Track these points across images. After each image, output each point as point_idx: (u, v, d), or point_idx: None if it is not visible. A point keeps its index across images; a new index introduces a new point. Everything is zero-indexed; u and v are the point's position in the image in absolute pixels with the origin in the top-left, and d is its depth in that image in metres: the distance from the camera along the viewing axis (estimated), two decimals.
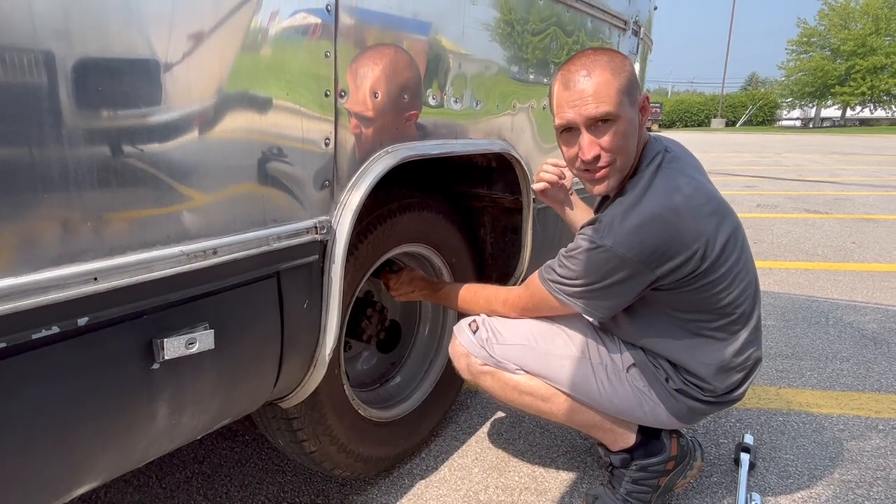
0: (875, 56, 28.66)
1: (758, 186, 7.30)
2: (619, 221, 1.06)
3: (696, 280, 1.09)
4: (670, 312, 1.16)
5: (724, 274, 1.10)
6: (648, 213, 1.05)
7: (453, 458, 1.55)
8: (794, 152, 13.56)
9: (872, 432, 1.67)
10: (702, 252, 1.06)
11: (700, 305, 1.13)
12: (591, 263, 1.09)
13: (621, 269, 1.07)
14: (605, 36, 1.89)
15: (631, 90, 1.10)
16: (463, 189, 1.66)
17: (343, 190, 1.02)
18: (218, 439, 1.62)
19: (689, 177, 1.11)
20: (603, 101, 1.07)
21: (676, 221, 1.05)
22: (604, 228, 1.07)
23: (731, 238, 1.11)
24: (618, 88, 1.08)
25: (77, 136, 0.64)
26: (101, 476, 0.81)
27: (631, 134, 1.12)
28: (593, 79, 1.08)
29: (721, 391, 1.21)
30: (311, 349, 1.06)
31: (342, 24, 0.94)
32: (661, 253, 1.05)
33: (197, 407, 0.88)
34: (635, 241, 1.04)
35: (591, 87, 1.07)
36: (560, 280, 1.15)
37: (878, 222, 4.90)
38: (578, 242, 1.11)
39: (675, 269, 1.07)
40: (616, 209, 1.08)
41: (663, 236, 1.04)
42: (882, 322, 2.54)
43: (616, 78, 1.08)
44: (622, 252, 1.05)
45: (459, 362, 1.32)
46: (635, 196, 1.08)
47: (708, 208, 1.08)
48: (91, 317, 0.68)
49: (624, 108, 1.09)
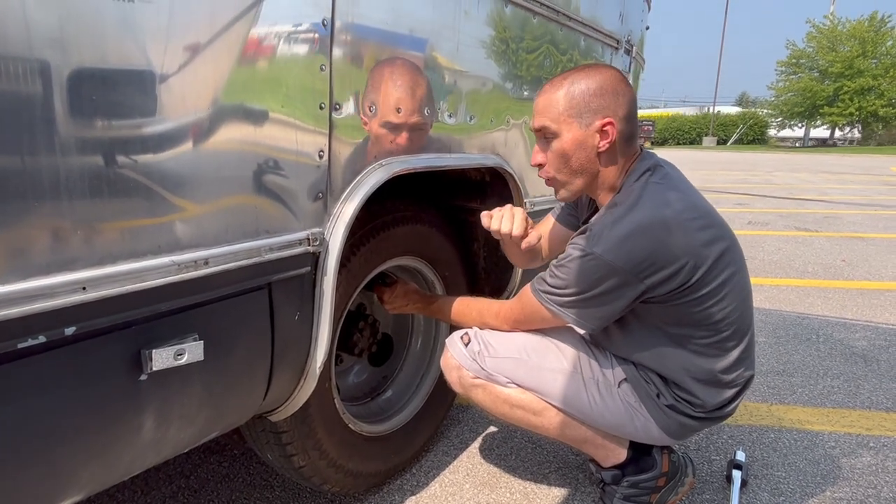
0: (862, 78, 29.24)
1: (749, 204, 7.38)
2: (609, 230, 1.07)
3: (686, 294, 1.09)
4: (662, 327, 1.17)
5: (715, 289, 1.10)
6: (637, 223, 1.05)
7: (444, 473, 1.53)
8: (783, 171, 13.73)
9: (864, 450, 1.67)
10: (691, 265, 1.07)
11: (691, 320, 1.13)
12: (580, 272, 1.09)
13: (610, 277, 1.07)
14: (598, 54, 1.92)
15: (582, 111, 1.10)
16: (456, 203, 1.67)
17: (336, 202, 1.02)
18: (205, 453, 1.60)
19: (680, 192, 1.12)
20: (542, 114, 1.14)
21: (665, 233, 1.05)
22: (594, 237, 1.08)
23: (725, 254, 1.11)
24: (565, 106, 1.11)
25: (70, 144, 0.64)
26: (84, 489, 0.79)
27: (573, 154, 1.13)
28: (547, 93, 1.14)
29: (711, 407, 1.21)
30: (302, 362, 1.05)
31: (338, 38, 0.95)
32: (650, 263, 1.05)
33: (184, 419, 0.86)
34: (623, 249, 1.05)
35: (542, 101, 1.15)
36: (551, 290, 1.15)
37: (867, 240, 4.95)
38: (569, 251, 1.12)
39: (664, 282, 1.07)
40: (606, 218, 1.09)
41: (651, 247, 1.05)
42: (872, 339, 2.55)
43: (569, 97, 1.11)
44: (611, 259, 1.05)
45: (451, 375, 1.31)
46: (626, 207, 1.08)
47: (699, 223, 1.09)
48: (79, 326, 0.67)
49: (567, 127, 1.12)
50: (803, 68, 32.34)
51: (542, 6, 1.49)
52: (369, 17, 1.02)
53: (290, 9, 0.87)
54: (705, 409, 1.21)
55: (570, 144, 1.13)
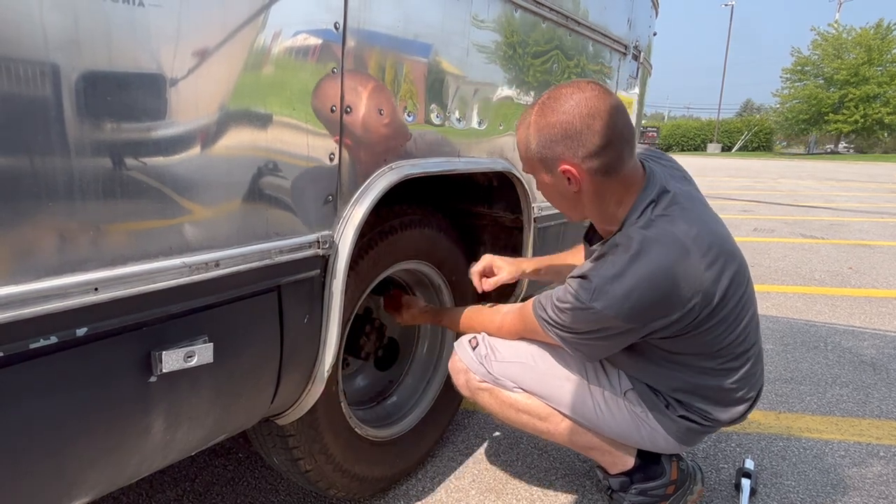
0: (867, 85, 29.14)
1: (754, 211, 7.35)
2: (609, 285, 1.00)
3: (694, 328, 1.07)
4: (668, 356, 1.15)
5: (723, 319, 1.08)
6: (640, 277, 0.99)
7: (450, 479, 1.52)
8: (789, 178, 13.69)
9: (874, 459, 1.65)
10: (700, 306, 1.03)
11: (700, 348, 1.12)
12: (580, 321, 1.06)
13: (612, 328, 1.05)
14: (606, 60, 1.92)
15: (545, 157, 1.05)
16: (464, 207, 1.67)
17: (346, 205, 1.02)
18: (211, 456, 1.59)
19: (688, 223, 1.04)
20: (520, 159, 1.15)
21: (671, 283, 1.00)
22: (594, 290, 1.02)
23: (733, 282, 1.07)
24: (528, 154, 1.10)
25: (83, 146, 0.64)
26: (92, 492, 0.79)
27: (552, 195, 1.14)
28: (517, 134, 1.13)
29: (726, 420, 1.21)
30: (310, 365, 1.04)
31: (349, 42, 0.96)
32: (654, 313, 1.03)
33: (193, 422, 0.86)
34: (626, 305, 1.00)
35: (516, 141, 1.14)
36: (551, 321, 1.12)
37: (874, 248, 4.92)
38: (567, 298, 1.06)
39: (670, 325, 1.05)
40: (607, 269, 1.02)
41: (656, 298, 1.01)
42: (880, 347, 2.53)
43: (526, 144, 1.09)
44: (612, 315, 1.01)
45: (458, 378, 1.31)
46: (628, 257, 1.01)
47: (706, 260, 1.02)
48: (90, 327, 0.67)
49: (538, 172, 1.11)
50: (808, 76, 32.29)
51: (551, 11, 1.50)
52: (380, 22, 1.02)
53: (302, 13, 0.88)
54: (718, 422, 1.21)
55: (546, 188, 1.13)
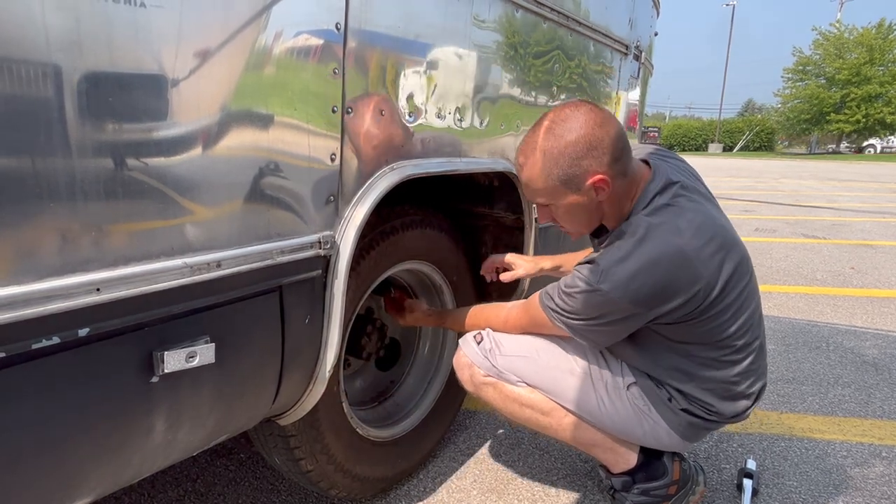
0: (869, 85, 29.07)
1: (756, 211, 7.34)
2: (616, 266, 1.04)
3: (697, 315, 1.08)
4: (672, 345, 1.16)
5: (726, 307, 1.09)
6: (645, 260, 1.03)
7: (451, 479, 1.52)
8: (790, 178, 13.67)
9: (876, 459, 1.65)
10: (703, 293, 1.05)
11: (702, 337, 1.13)
12: (588, 304, 1.08)
13: (618, 311, 1.07)
14: (607, 60, 1.92)
15: (569, 179, 1.06)
16: (465, 207, 1.67)
17: (347, 205, 1.02)
18: (212, 457, 1.59)
19: (692, 212, 1.07)
20: (530, 189, 1.13)
21: (675, 267, 1.03)
22: (601, 272, 1.05)
23: (735, 272, 1.09)
24: (548, 183, 1.07)
25: (85, 146, 0.64)
26: (93, 492, 0.79)
27: (576, 213, 1.13)
28: (526, 170, 1.10)
29: (728, 415, 1.21)
30: (312, 365, 1.04)
31: (350, 42, 0.96)
32: (659, 297, 1.04)
33: (194, 422, 0.86)
34: (632, 287, 1.03)
35: (524, 176, 1.12)
36: (558, 309, 1.15)
37: (875, 248, 4.92)
38: (575, 282, 1.09)
39: (674, 310, 1.06)
40: (614, 253, 1.06)
41: (661, 282, 1.03)
42: (882, 348, 2.53)
43: (546, 173, 1.07)
44: (618, 297, 1.04)
45: (463, 373, 1.32)
46: (634, 241, 1.04)
47: (711, 248, 1.05)
48: (92, 328, 0.67)
49: (560, 197, 1.09)
50: (810, 75, 32.23)
51: (552, 11, 1.49)
52: (381, 23, 1.02)
53: (303, 14, 0.88)
54: (721, 416, 1.21)
55: (568, 209, 1.12)
